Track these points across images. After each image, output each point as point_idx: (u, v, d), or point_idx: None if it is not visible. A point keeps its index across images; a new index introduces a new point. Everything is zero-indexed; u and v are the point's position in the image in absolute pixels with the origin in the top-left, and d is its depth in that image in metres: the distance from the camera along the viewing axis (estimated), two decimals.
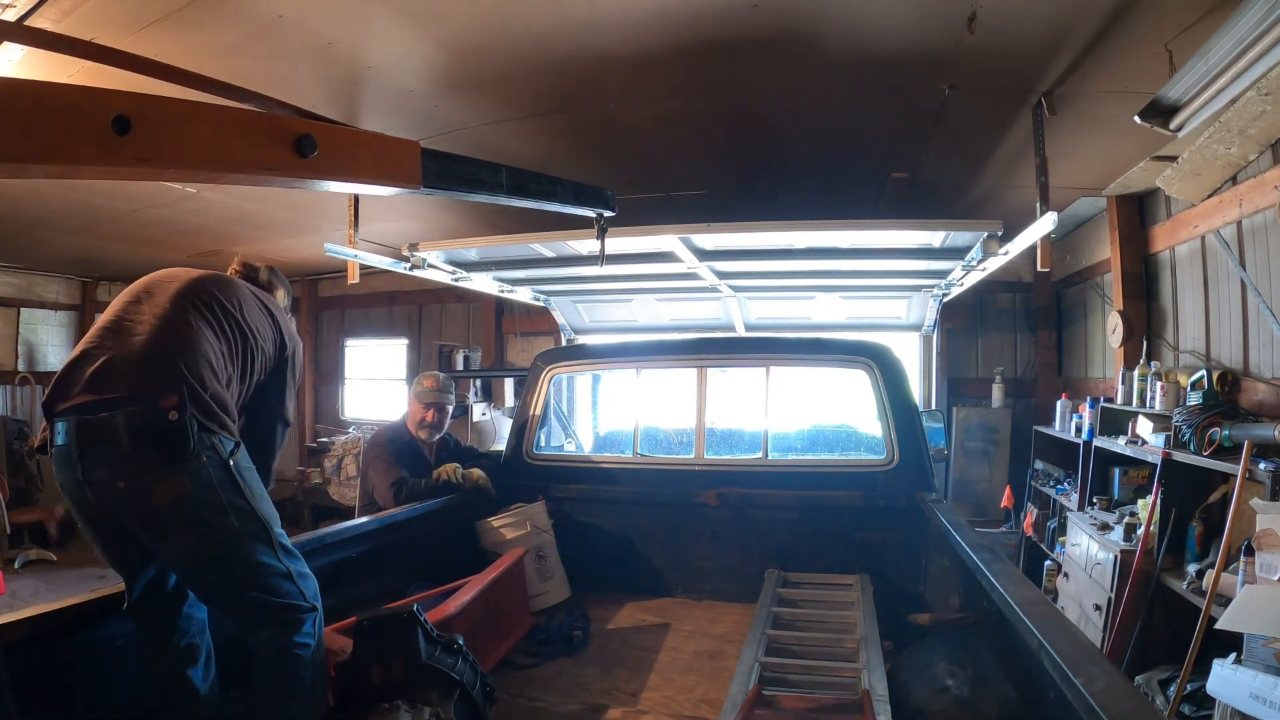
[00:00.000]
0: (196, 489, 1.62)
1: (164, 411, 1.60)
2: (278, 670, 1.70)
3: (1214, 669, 2.46)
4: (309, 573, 1.80)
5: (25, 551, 6.04)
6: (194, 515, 1.63)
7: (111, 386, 1.63)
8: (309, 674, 1.73)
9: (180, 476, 1.60)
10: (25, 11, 2.34)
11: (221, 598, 1.73)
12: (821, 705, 1.95)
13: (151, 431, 1.60)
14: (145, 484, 1.59)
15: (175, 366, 1.69)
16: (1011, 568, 1.93)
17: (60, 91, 1.31)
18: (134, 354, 1.69)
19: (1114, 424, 4.01)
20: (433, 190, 1.89)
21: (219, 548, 1.66)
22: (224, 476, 1.67)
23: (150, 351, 1.70)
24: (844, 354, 3.41)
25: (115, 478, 1.59)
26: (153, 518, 1.62)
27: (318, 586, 1.81)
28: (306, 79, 3.00)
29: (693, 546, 3.31)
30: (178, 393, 1.63)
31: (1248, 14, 1.94)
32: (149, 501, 1.59)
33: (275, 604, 1.71)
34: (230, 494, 1.67)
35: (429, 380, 3.44)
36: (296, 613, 1.74)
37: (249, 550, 1.69)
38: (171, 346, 1.73)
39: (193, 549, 1.65)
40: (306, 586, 1.77)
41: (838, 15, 2.52)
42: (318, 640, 1.78)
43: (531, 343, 7.14)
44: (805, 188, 4.46)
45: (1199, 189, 3.54)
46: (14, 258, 6.75)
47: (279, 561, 1.72)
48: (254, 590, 1.70)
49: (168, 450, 1.60)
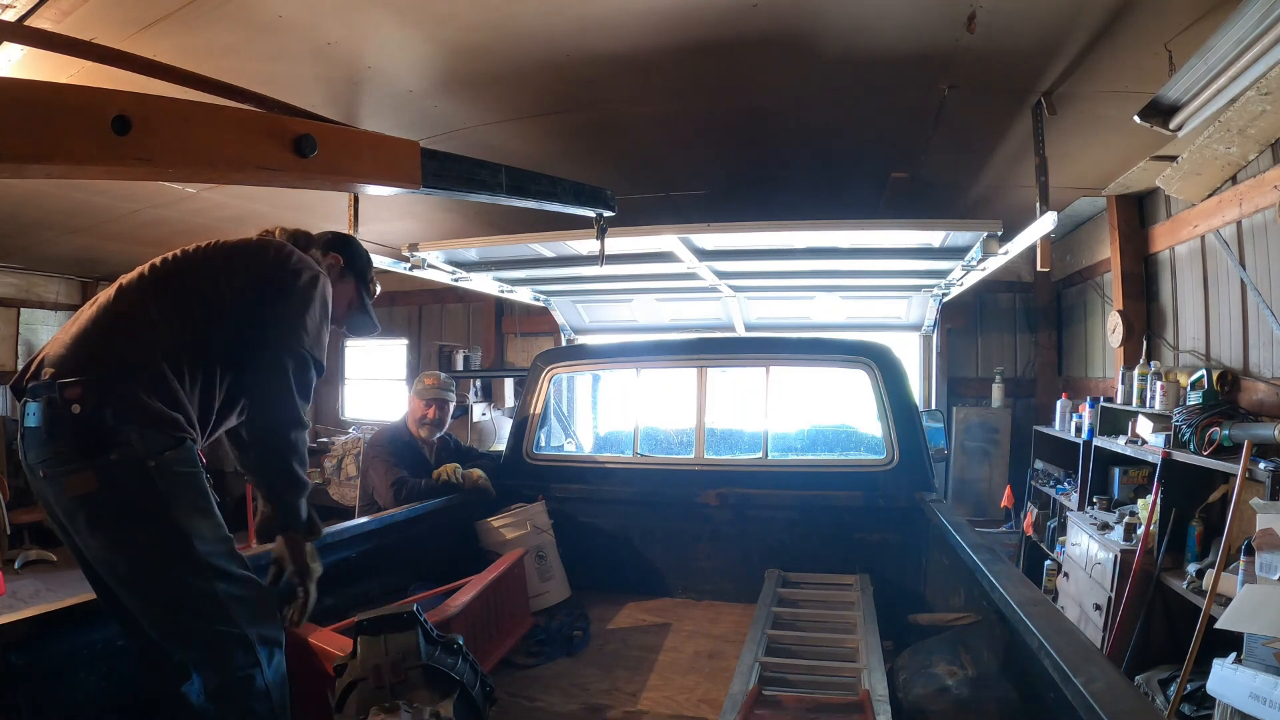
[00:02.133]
0: (102, 489, 1.47)
1: (68, 402, 1.48)
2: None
3: (1214, 669, 2.46)
4: (250, 596, 1.58)
5: (25, 552, 6.04)
6: (100, 518, 1.48)
7: (40, 371, 1.54)
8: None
9: (86, 472, 1.46)
10: (25, 12, 2.34)
11: (143, 615, 1.54)
12: (821, 705, 1.95)
13: (58, 420, 1.48)
14: (58, 474, 1.48)
15: (94, 353, 1.55)
16: (1011, 568, 1.93)
17: (60, 91, 1.31)
18: (65, 337, 1.59)
19: (1114, 424, 4.01)
20: (432, 190, 1.90)
21: (125, 559, 1.50)
22: (134, 478, 1.48)
23: (77, 335, 1.59)
24: (844, 354, 3.40)
25: (38, 463, 1.51)
26: (67, 514, 1.51)
27: (268, 612, 1.62)
28: (306, 79, 3.00)
29: (693, 546, 3.31)
30: (84, 383, 1.50)
31: (1247, 14, 1.94)
32: (61, 495, 1.49)
33: (197, 630, 1.52)
34: (140, 498, 1.49)
35: (430, 378, 3.44)
36: (223, 643, 1.52)
37: (161, 566, 1.50)
38: (99, 329, 1.59)
39: (103, 557, 1.51)
40: (243, 611, 1.55)
41: (837, 15, 2.52)
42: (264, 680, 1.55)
43: (531, 343, 7.14)
44: (805, 188, 4.46)
45: (1199, 189, 3.54)
46: (14, 258, 6.75)
47: (204, 582, 1.51)
48: (173, 612, 1.51)
49: (74, 441, 1.48)
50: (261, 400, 1.67)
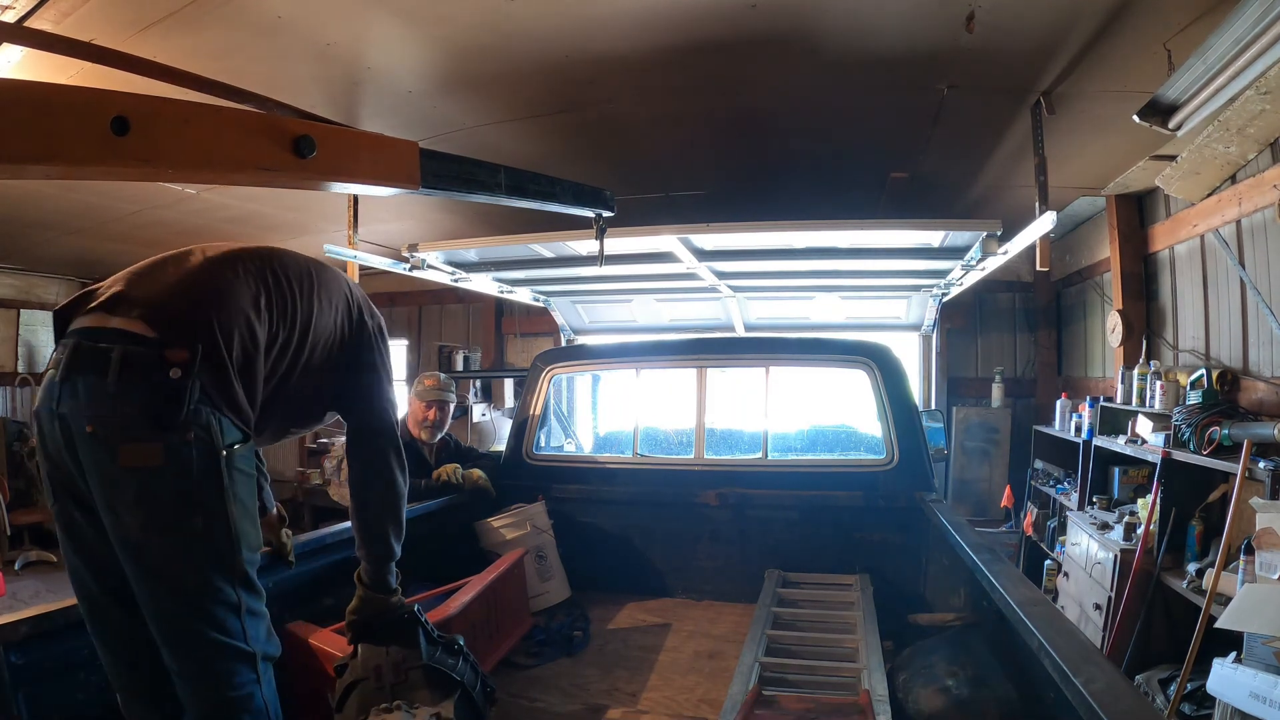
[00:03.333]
0: (167, 467, 1.34)
1: (167, 365, 1.34)
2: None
3: (1214, 668, 2.46)
4: (263, 612, 1.51)
5: (25, 552, 6.04)
6: (152, 497, 1.35)
7: (123, 316, 1.38)
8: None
9: (154, 444, 1.33)
10: (25, 13, 2.35)
11: (153, 609, 1.41)
12: (821, 705, 1.95)
13: (144, 377, 1.33)
14: (114, 437, 1.33)
15: (202, 314, 1.41)
16: (1011, 568, 1.93)
17: (60, 92, 1.31)
18: (158, 289, 1.43)
19: (1114, 423, 4.01)
20: (431, 191, 1.89)
21: (167, 547, 1.37)
22: (207, 465, 1.38)
23: (177, 291, 1.44)
24: (844, 354, 3.41)
25: (86, 417, 1.33)
26: (109, 482, 1.35)
27: (269, 629, 1.53)
28: (305, 80, 3.00)
29: (693, 547, 3.31)
30: (191, 349, 1.36)
31: (1246, 13, 1.94)
32: (110, 461, 1.33)
33: (209, 638, 1.40)
34: (206, 489, 1.39)
35: (430, 379, 3.44)
36: (230, 657, 1.42)
37: (201, 563, 1.40)
38: (205, 293, 1.46)
39: (136, 537, 1.36)
40: (253, 627, 1.47)
41: (836, 15, 2.52)
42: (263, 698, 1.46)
43: (531, 343, 7.14)
44: (804, 188, 4.46)
45: (1198, 188, 3.54)
46: (14, 259, 6.75)
47: (232, 589, 1.43)
48: (189, 612, 1.40)
49: (152, 409, 1.33)
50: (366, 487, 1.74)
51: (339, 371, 1.76)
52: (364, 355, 1.80)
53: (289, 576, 2.18)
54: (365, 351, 1.81)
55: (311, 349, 1.66)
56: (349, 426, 1.80)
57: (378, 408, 1.81)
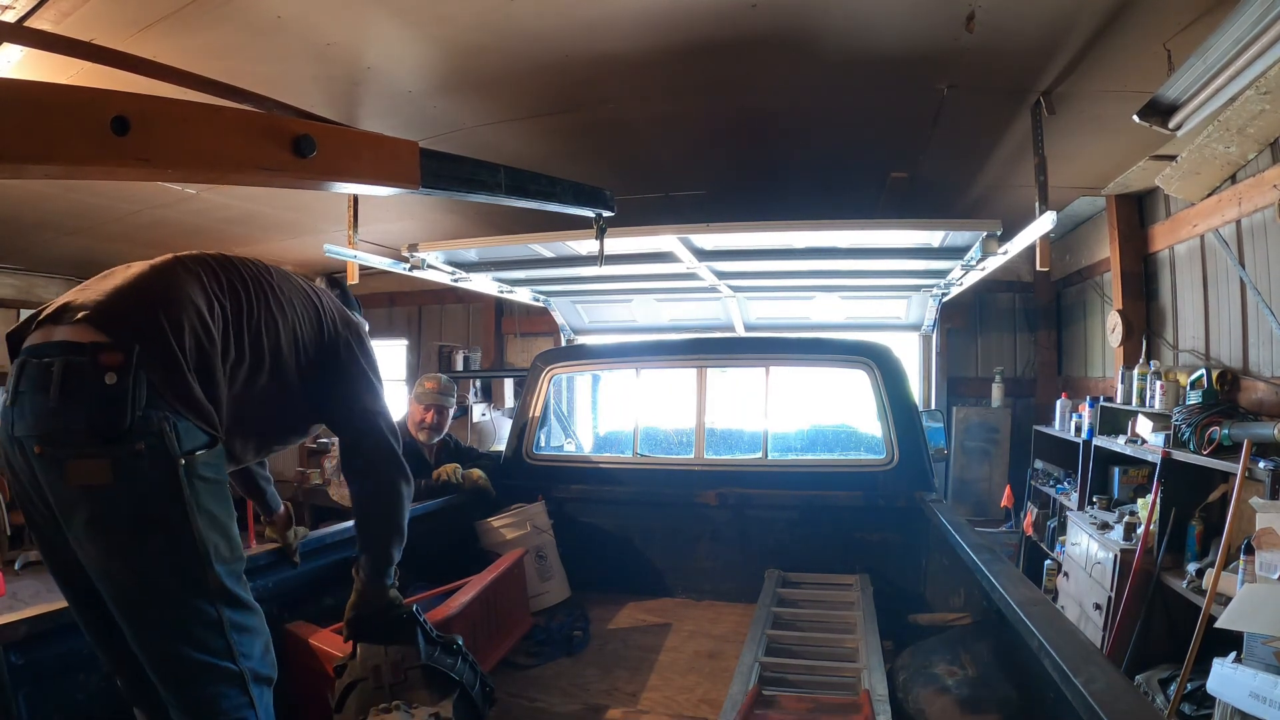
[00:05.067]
0: (118, 484, 1.24)
1: (102, 370, 1.24)
2: None
3: (1214, 668, 2.46)
4: (254, 626, 1.40)
5: (25, 552, 6.04)
6: (105, 517, 1.25)
7: (67, 325, 1.30)
8: None
9: (101, 460, 1.23)
10: (25, 13, 2.34)
11: (131, 633, 1.32)
12: (821, 705, 1.95)
13: (82, 391, 1.23)
14: (60, 456, 1.23)
15: (143, 312, 1.32)
16: (1011, 568, 1.93)
17: (60, 92, 1.31)
18: (102, 293, 1.36)
19: (1114, 423, 4.01)
20: (431, 190, 1.89)
21: (128, 571, 1.27)
22: (162, 476, 1.27)
23: (122, 292, 1.36)
24: (844, 354, 3.41)
25: (35, 437, 1.25)
26: (64, 504, 1.26)
27: (265, 646, 1.42)
28: (305, 80, 3.00)
29: (693, 546, 3.31)
30: (125, 349, 1.26)
31: (1246, 13, 1.94)
32: (61, 480, 1.24)
33: (192, 659, 1.30)
34: (163, 505, 1.28)
35: (430, 382, 3.44)
36: (216, 679, 1.32)
37: (168, 585, 1.29)
38: (150, 289, 1.38)
39: (99, 562, 1.27)
40: (243, 644, 1.36)
41: (836, 15, 2.52)
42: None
43: (531, 343, 7.14)
44: (804, 188, 4.46)
45: (1198, 188, 3.54)
46: (14, 259, 6.75)
47: (210, 606, 1.32)
48: (167, 634, 1.30)
49: (95, 419, 1.23)
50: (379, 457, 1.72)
51: (315, 382, 1.68)
52: (338, 364, 1.72)
53: (289, 577, 2.18)
54: (339, 360, 1.72)
55: (274, 349, 1.57)
56: (339, 442, 1.76)
57: (364, 423, 1.73)
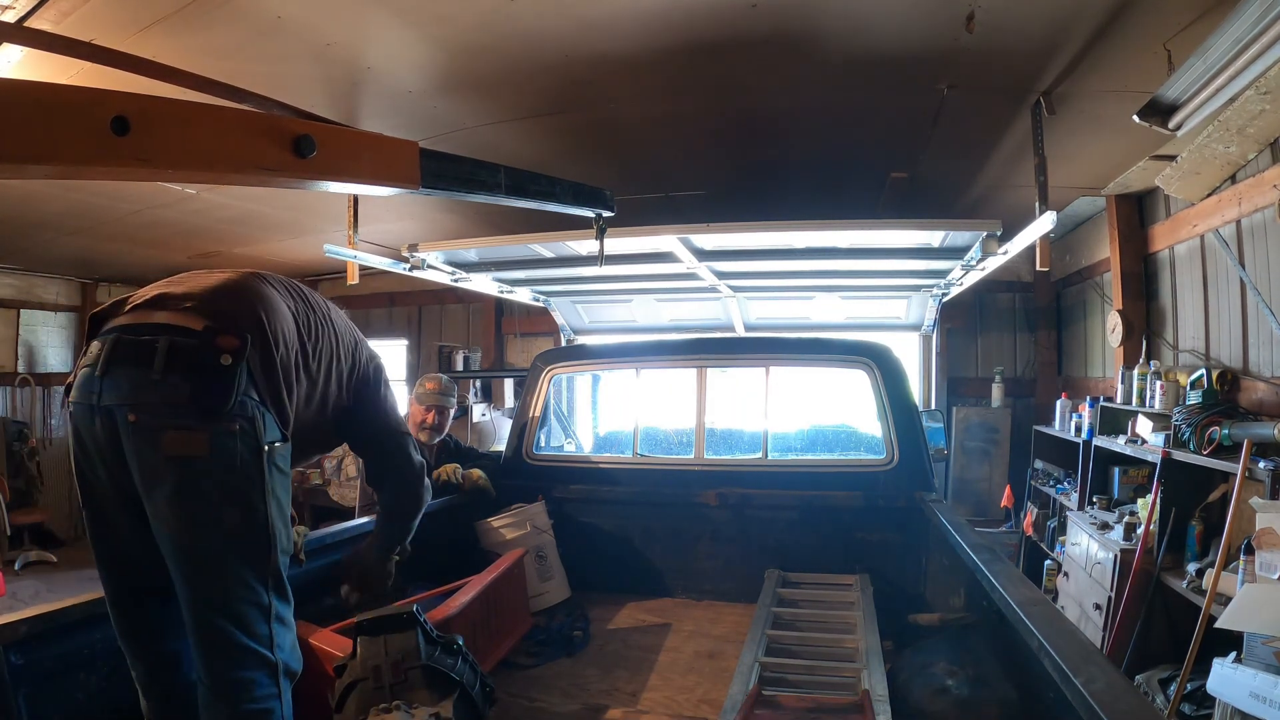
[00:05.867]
0: (212, 457, 1.33)
1: (218, 351, 1.34)
2: None
3: (1214, 668, 2.46)
4: (290, 621, 1.50)
5: (25, 553, 6.05)
6: (193, 487, 1.34)
7: (170, 311, 1.39)
8: None
9: (199, 433, 1.32)
10: (25, 13, 2.34)
11: (187, 601, 1.40)
12: (821, 705, 1.95)
13: (192, 365, 1.33)
14: (158, 425, 1.31)
15: (250, 309, 1.44)
16: (1011, 568, 1.93)
17: (60, 92, 1.31)
18: (203, 288, 1.47)
19: (1114, 423, 4.01)
20: (431, 190, 1.89)
21: (203, 540, 1.36)
22: (251, 459, 1.37)
23: (224, 291, 1.48)
24: (844, 354, 3.41)
25: (130, 405, 1.32)
26: (150, 471, 1.34)
27: (294, 642, 1.51)
28: (305, 80, 3.00)
29: (693, 546, 3.31)
30: (241, 336, 1.38)
31: (1246, 13, 1.94)
32: (152, 450, 1.31)
33: (236, 641, 1.37)
34: (248, 483, 1.38)
35: (430, 383, 3.43)
36: (254, 664, 1.39)
37: (235, 559, 1.38)
38: (251, 294, 1.50)
39: (173, 528, 1.35)
40: (281, 635, 1.45)
41: (836, 15, 2.52)
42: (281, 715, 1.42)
43: (531, 343, 7.14)
44: (804, 188, 4.46)
45: (1198, 188, 3.54)
46: (14, 259, 6.75)
47: (264, 590, 1.41)
48: (219, 610, 1.37)
49: (201, 394, 1.33)
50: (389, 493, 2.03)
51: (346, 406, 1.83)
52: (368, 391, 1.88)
53: (289, 577, 2.17)
54: (369, 387, 1.89)
55: (328, 370, 1.71)
56: (366, 460, 1.93)
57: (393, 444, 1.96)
